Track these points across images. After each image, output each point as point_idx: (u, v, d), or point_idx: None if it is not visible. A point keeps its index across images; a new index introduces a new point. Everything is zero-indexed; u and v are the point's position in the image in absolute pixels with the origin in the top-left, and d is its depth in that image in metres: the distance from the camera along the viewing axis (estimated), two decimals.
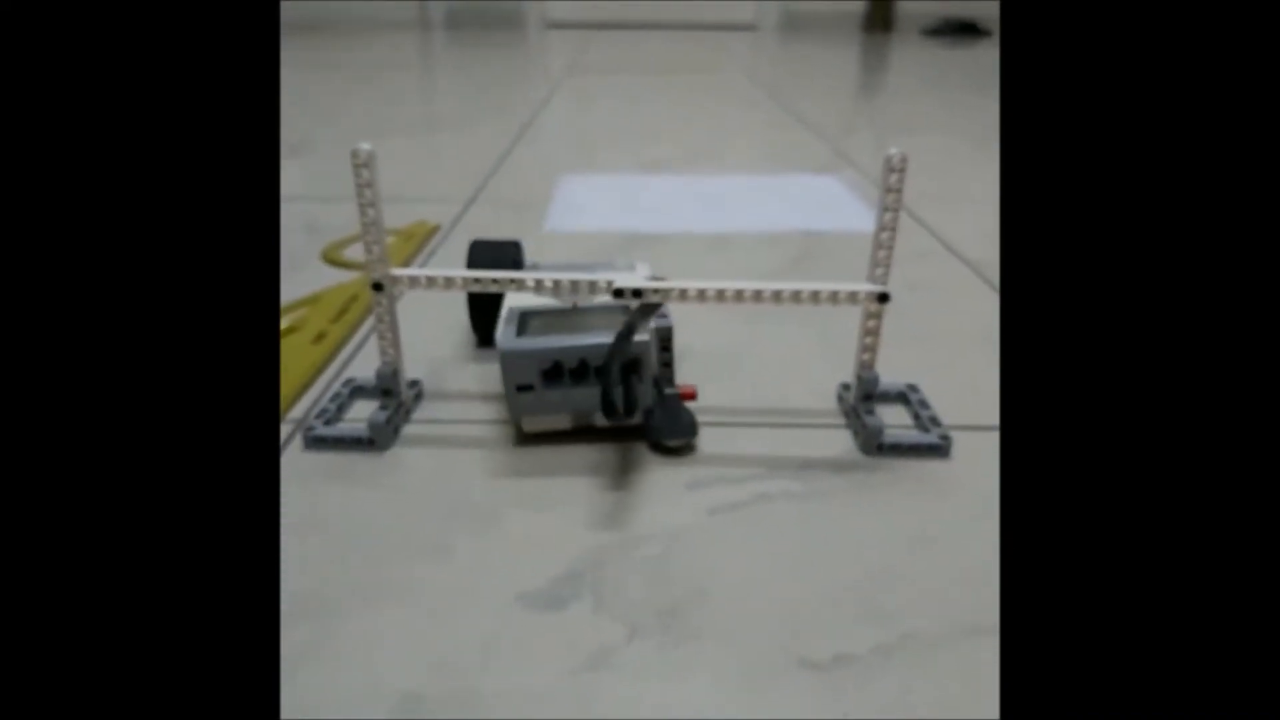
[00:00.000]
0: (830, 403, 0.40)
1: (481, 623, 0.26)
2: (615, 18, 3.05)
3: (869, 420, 0.36)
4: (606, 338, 0.34)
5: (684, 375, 0.43)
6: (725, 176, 0.85)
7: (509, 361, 0.34)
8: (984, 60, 2.02)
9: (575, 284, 0.35)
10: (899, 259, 0.61)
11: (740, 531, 0.31)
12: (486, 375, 0.43)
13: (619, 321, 0.35)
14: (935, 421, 0.37)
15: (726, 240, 0.65)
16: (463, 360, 0.44)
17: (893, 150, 0.33)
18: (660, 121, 1.15)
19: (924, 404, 0.39)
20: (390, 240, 0.62)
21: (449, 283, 0.36)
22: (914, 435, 0.36)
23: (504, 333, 0.35)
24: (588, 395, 0.35)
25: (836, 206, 0.74)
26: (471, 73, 1.68)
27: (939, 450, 0.35)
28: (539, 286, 0.35)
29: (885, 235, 0.34)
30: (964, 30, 2.84)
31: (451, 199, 0.75)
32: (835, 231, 0.67)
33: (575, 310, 0.38)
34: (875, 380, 0.36)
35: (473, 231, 0.66)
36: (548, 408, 0.35)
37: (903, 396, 0.40)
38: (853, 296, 0.34)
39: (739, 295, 0.34)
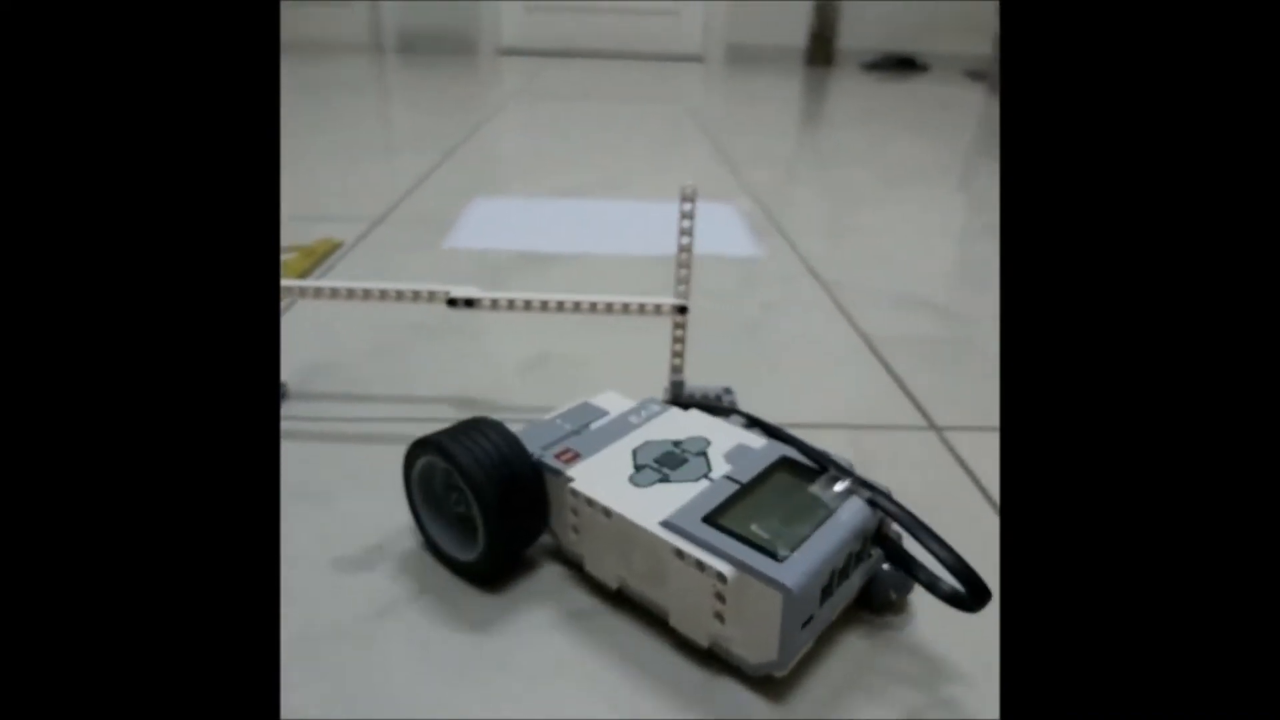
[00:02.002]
0: None
1: (301, 577, 0.31)
2: (567, 46, 3.12)
3: None
4: (851, 512, 0.28)
5: (544, 381, 0.48)
6: (633, 203, 0.90)
7: (799, 599, 0.25)
8: (919, 94, 2.12)
9: (418, 293, 0.40)
10: (767, 280, 0.67)
11: None
12: (351, 379, 0.47)
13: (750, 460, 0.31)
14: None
15: (615, 261, 0.70)
16: (333, 366, 0.49)
17: (686, 184, 0.38)
18: (586, 150, 1.21)
19: (733, 404, 0.44)
20: (292, 256, 0.66)
21: (334, 293, 0.41)
22: None
23: (710, 539, 0.26)
24: (846, 591, 0.28)
25: (724, 232, 0.80)
26: (415, 97, 1.73)
27: None
28: (417, 297, 0.40)
29: (684, 256, 0.39)
30: (902, 65, 2.97)
31: (364, 218, 0.80)
32: (715, 254, 0.73)
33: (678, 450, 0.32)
34: (682, 384, 0.42)
35: (376, 249, 0.71)
36: (815, 630, 0.27)
37: (717, 398, 0.45)
38: (657, 309, 0.40)
39: (559, 306, 0.39)
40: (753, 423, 0.34)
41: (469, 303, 0.39)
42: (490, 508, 0.28)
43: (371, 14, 3.00)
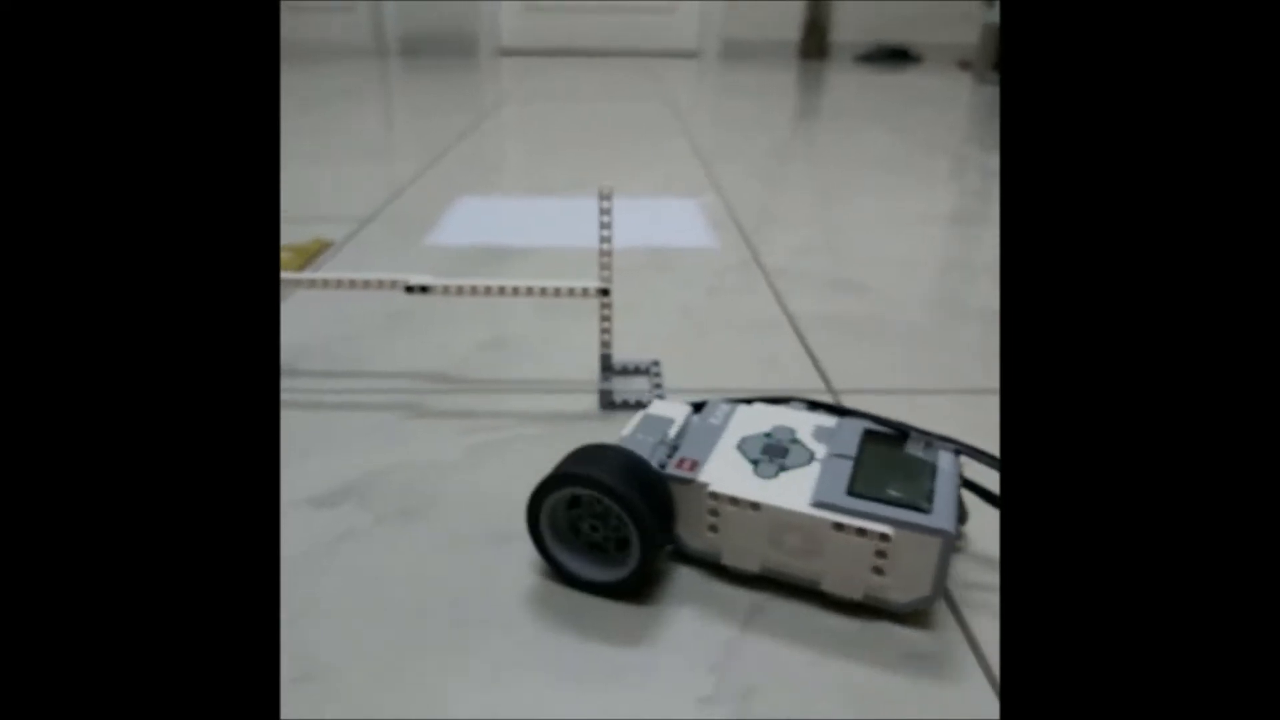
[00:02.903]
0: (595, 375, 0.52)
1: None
2: (565, 45, 3.18)
3: (602, 385, 0.48)
4: (947, 462, 0.33)
5: (500, 359, 0.55)
6: (622, 200, 0.97)
7: (951, 540, 0.30)
8: (908, 85, 2.17)
9: (381, 281, 0.47)
10: (714, 268, 0.73)
11: (483, 458, 0.43)
12: (328, 358, 0.54)
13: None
14: (659, 385, 0.49)
15: (581, 253, 0.77)
16: (311, 348, 0.56)
17: (603, 184, 0.45)
18: (568, 150, 1.28)
19: (659, 375, 0.51)
20: (286, 255, 0.74)
21: (311, 284, 0.48)
22: (638, 395, 0.48)
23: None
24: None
25: (683, 225, 0.87)
26: (411, 100, 1.81)
27: None
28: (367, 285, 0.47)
29: (605, 245, 0.46)
30: (895, 56, 3.01)
31: (354, 219, 0.87)
32: (670, 246, 0.80)
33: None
34: (609, 357, 0.49)
35: (363, 247, 0.78)
36: (948, 561, 0.31)
37: (645, 369, 0.52)
38: (584, 291, 0.47)
39: (500, 290, 0.46)
40: (813, 405, 0.38)
41: (424, 289, 0.46)
42: (644, 521, 0.30)
43: (373, 17, 3.08)
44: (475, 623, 0.32)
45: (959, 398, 0.50)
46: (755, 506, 0.31)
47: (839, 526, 0.30)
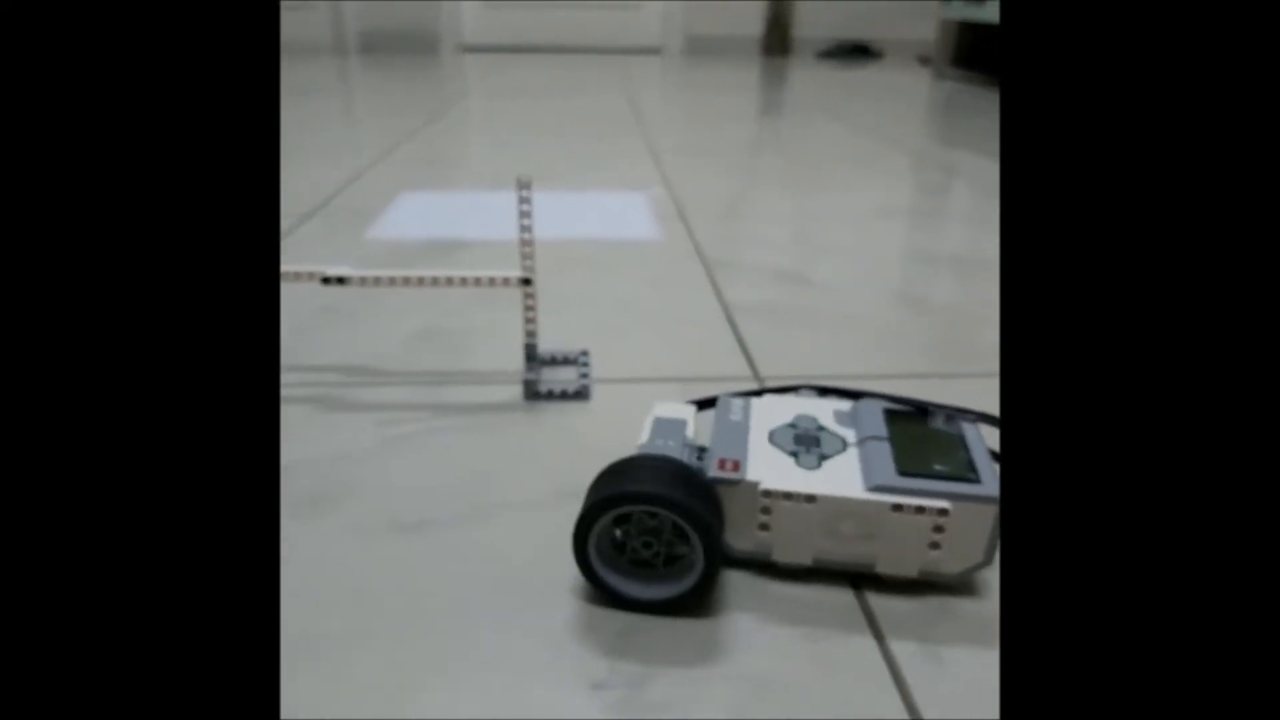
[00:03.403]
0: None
1: None
2: (528, 42, 3.17)
3: (526, 376, 0.47)
4: (973, 432, 0.34)
5: (430, 350, 0.54)
6: (558, 193, 0.97)
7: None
8: (867, 81, 2.19)
9: (299, 274, 0.46)
10: (656, 261, 0.73)
11: (396, 450, 0.42)
12: None
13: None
14: (586, 376, 0.49)
15: (516, 246, 0.77)
16: None
17: (521, 174, 0.44)
18: (526, 145, 1.27)
19: (587, 364, 0.51)
20: None
21: None
22: (564, 385, 0.48)
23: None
24: None
25: (628, 219, 0.87)
26: (371, 98, 1.78)
27: (580, 395, 0.47)
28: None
29: (526, 235, 0.45)
30: (856, 52, 3.03)
31: (297, 215, 0.86)
32: (614, 239, 0.79)
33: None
34: (534, 346, 0.48)
35: (301, 243, 0.77)
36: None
37: (573, 360, 0.52)
38: (505, 281, 0.46)
39: (419, 281, 0.46)
40: (824, 391, 0.39)
41: (340, 280, 0.46)
42: (710, 529, 0.29)
43: (333, 15, 3.04)
44: (380, 614, 0.31)
45: (887, 383, 0.50)
46: (810, 499, 0.31)
47: (897, 508, 0.31)
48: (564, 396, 0.47)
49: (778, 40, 3.08)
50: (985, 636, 0.31)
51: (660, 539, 0.31)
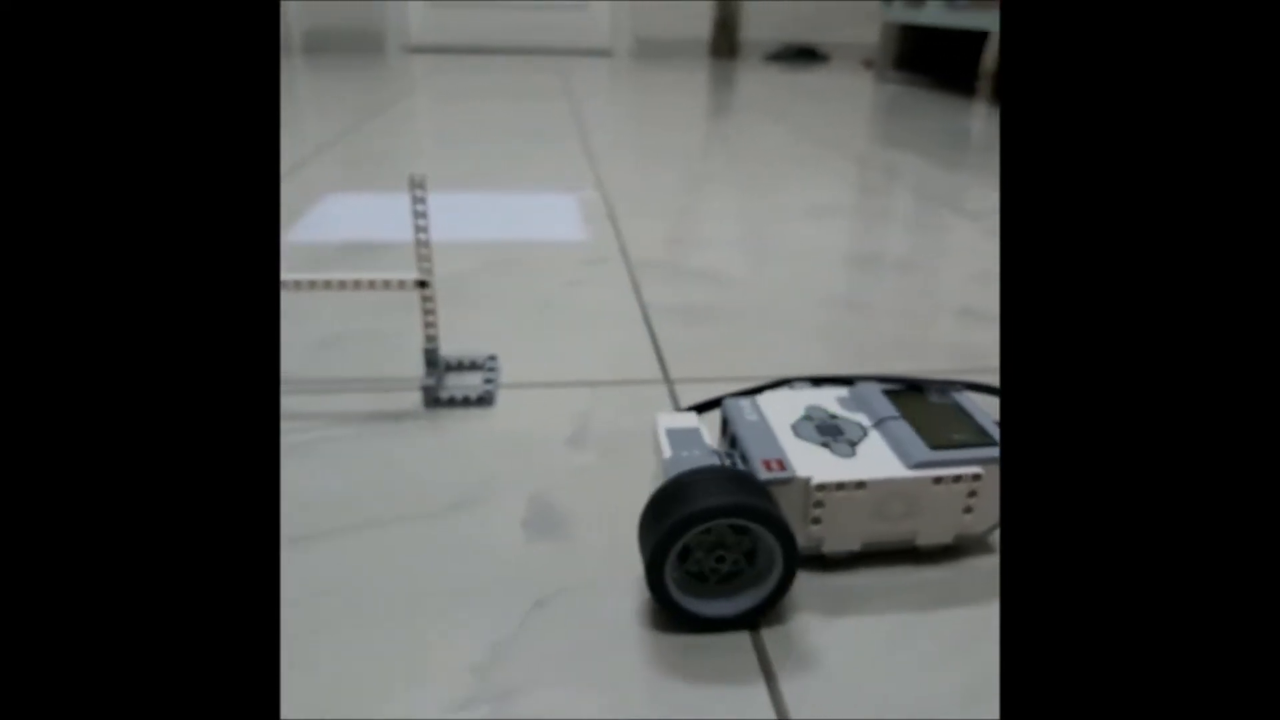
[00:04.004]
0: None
1: None
2: (475, 43, 3.14)
3: (425, 382, 0.46)
4: (968, 398, 0.36)
5: (334, 357, 0.52)
6: (489, 195, 0.95)
7: None
8: (815, 84, 2.21)
9: None
10: (580, 261, 0.72)
11: (288, 458, 0.40)
12: None
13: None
14: (492, 381, 0.48)
15: (448, 248, 0.75)
16: None
17: (413, 173, 0.43)
18: (464, 146, 1.25)
19: (494, 369, 0.49)
20: None
21: None
22: (467, 391, 0.47)
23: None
24: None
25: (558, 220, 0.85)
26: (308, 99, 1.74)
27: (483, 401, 0.46)
28: None
29: (422, 236, 0.44)
30: (803, 55, 3.06)
31: None
32: (542, 240, 0.78)
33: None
34: (435, 351, 0.47)
35: None
36: None
37: (480, 364, 0.50)
38: (400, 284, 0.45)
39: (311, 285, 0.44)
40: (817, 381, 0.39)
41: None
42: (787, 531, 0.29)
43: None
44: None
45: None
46: (861, 485, 0.31)
47: (938, 480, 0.32)
48: (466, 403, 0.46)
49: (726, 43, 3.10)
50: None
51: (732, 551, 0.30)
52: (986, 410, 0.36)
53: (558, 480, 0.39)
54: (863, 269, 0.72)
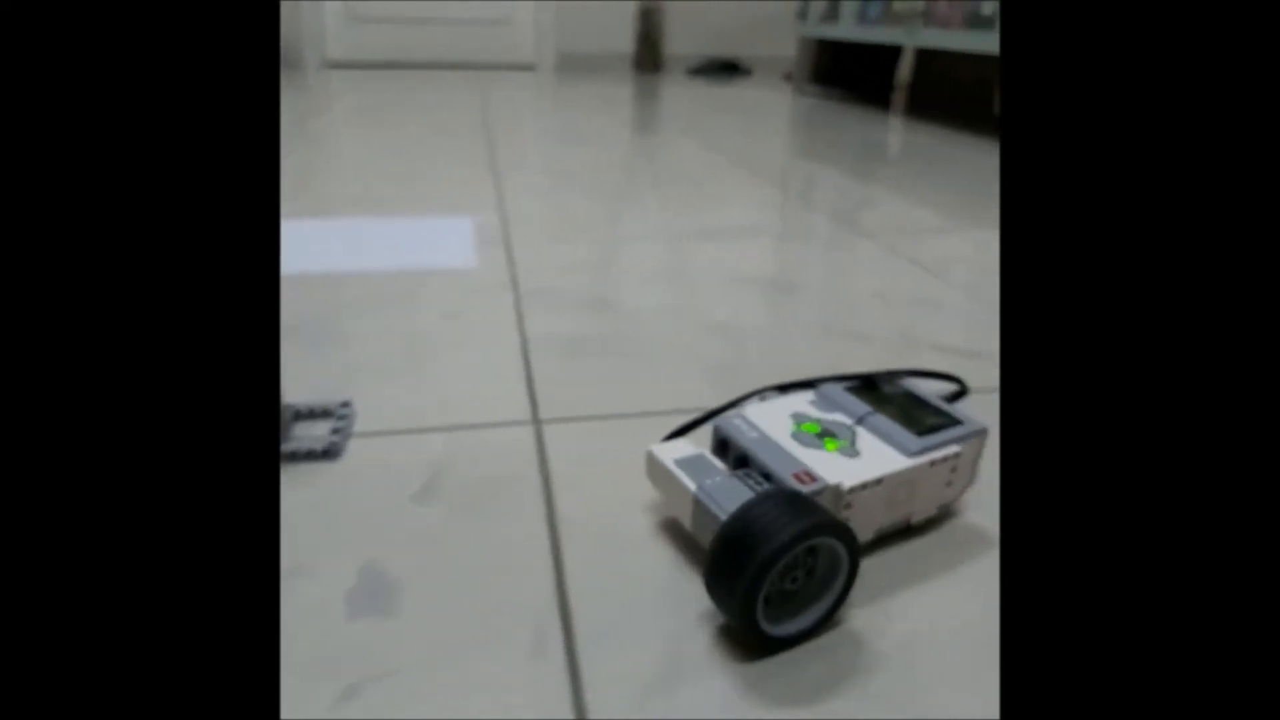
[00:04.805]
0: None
1: None
2: (396, 58, 3.08)
3: None
4: (917, 385, 0.41)
5: None
6: (376, 220, 0.91)
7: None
8: (736, 98, 2.21)
9: None
10: (464, 290, 0.69)
11: None
12: None
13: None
14: (341, 430, 0.44)
15: (308, 282, 0.71)
16: None
17: None
18: (365, 166, 1.20)
19: (346, 416, 0.46)
20: None
21: None
22: (311, 443, 0.43)
23: None
24: None
25: (448, 246, 0.82)
26: None
27: (329, 454, 0.43)
28: None
29: None
30: (726, 69, 3.09)
31: None
32: (426, 269, 0.75)
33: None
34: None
35: None
36: None
37: (330, 413, 0.47)
38: None
39: None
40: (784, 388, 0.42)
41: None
42: (854, 541, 0.30)
43: None
44: None
45: (668, 419, 0.48)
46: (879, 482, 0.34)
47: (932, 464, 0.35)
48: (309, 457, 0.43)
49: (650, 57, 3.10)
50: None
51: (800, 569, 0.31)
52: (930, 393, 0.41)
53: (397, 543, 0.36)
54: (760, 292, 0.71)
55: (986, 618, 0.33)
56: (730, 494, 0.32)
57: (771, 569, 0.28)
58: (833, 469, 0.34)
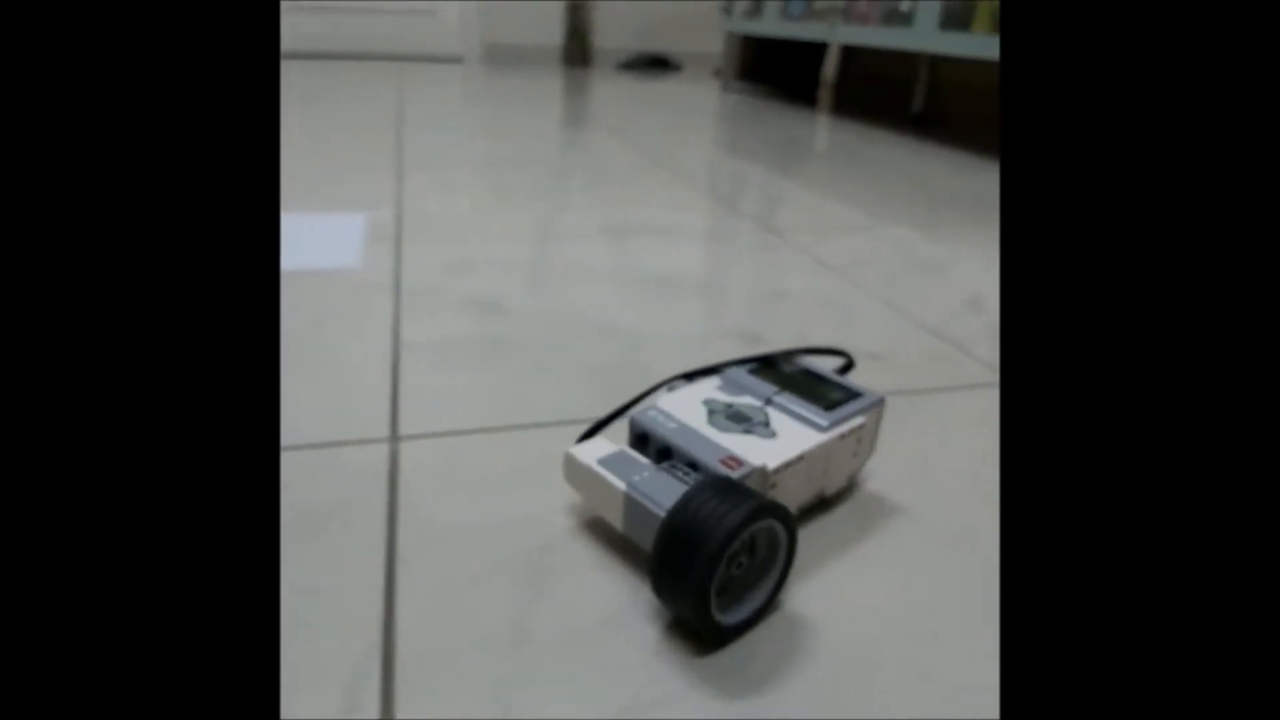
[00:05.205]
0: None
1: None
2: (320, 48, 2.97)
3: None
4: (812, 362, 0.43)
5: None
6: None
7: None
8: (665, 93, 2.18)
9: None
10: (345, 291, 0.64)
11: None
12: None
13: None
14: None
15: None
16: None
17: None
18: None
19: None
20: None
21: None
22: None
23: None
24: None
25: (334, 244, 0.77)
26: None
27: None
28: None
29: None
30: (656, 64, 3.06)
31: None
32: (306, 269, 0.70)
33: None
34: None
35: None
36: None
37: None
38: None
39: None
40: (689, 375, 0.41)
41: None
42: (791, 520, 0.31)
43: None
44: None
45: (545, 431, 0.44)
46: (800, 459, 0.34)
47: (843, 436, 0.36)
48: None
49: (578, 51, 3.06)
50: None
51: (742, 555, 0.30)
52: (824, 369, 0.41)
53: None
54: (661, 292, 0.68)
55: (914, 585, 0.34)
56: (662, 488, 0.32)
57: (722, 558, 0.28)
58: (755, 451, 0.34)
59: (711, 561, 0.27)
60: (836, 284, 0.72)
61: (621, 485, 0.32)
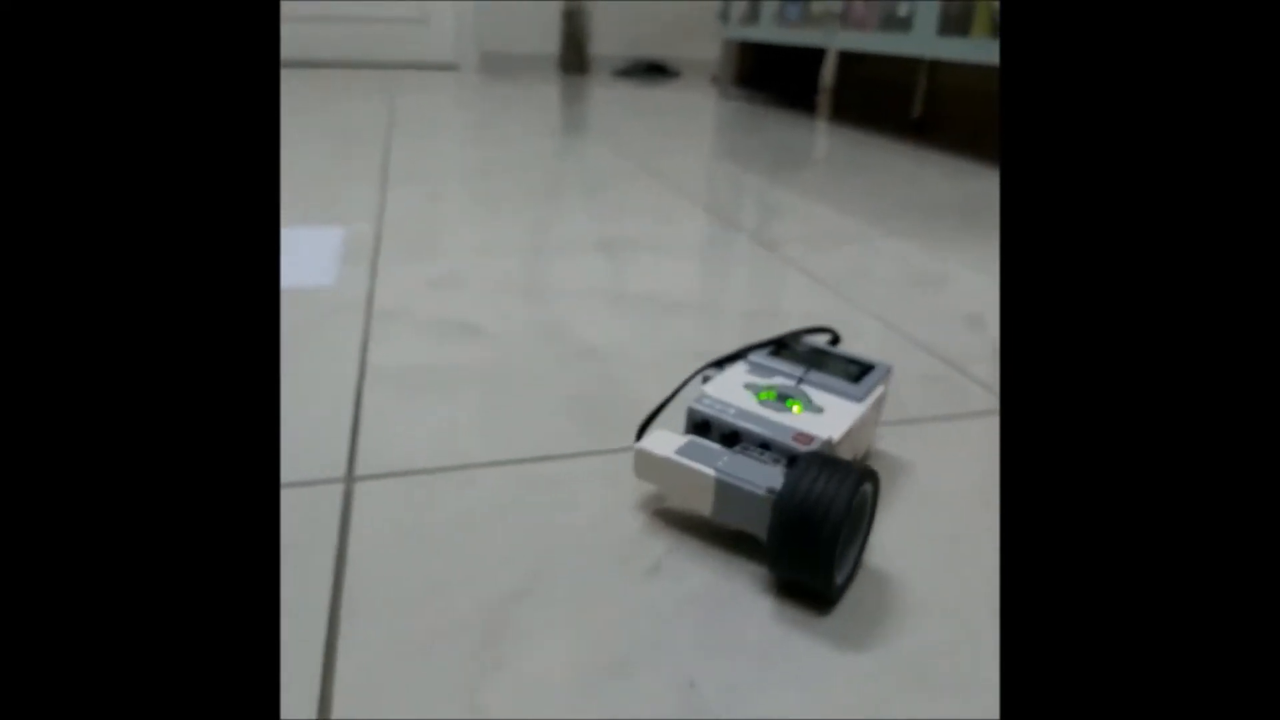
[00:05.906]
0: None
1: None
2: (315, 56, 2.95)
3: None
4: (817, 339, 0.50)
5: None
6: None
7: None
8: (662, 100, 2.16)
9: None
10: (316, 310, 0.61)
11: None
12: None
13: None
14: None
15: None
16: None
17: None
18: None
19: None
20: None
21: None
22: None
23: None
24: None
25: (307, 263, 0.74)
26: None
27: None
28: None
29: None
30: (653, 71, 3.04)
31: None
32: (285, 287, 0.67)
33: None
34: None
35: None
36: None
37: None
38: None
39: None
40: (719, 362, 0.42)
41: None
42: (877, 481, 0.34)
43: None
44: None
45: (513, 470, 0.41)
46: (849, 429, 0.37)
47: (873, 406, 0.40)
48: None
49: (575, 58, 3.03)
50: None
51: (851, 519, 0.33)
52: (823, 345, 0.45)
53: None
54: (644, 310, 0.65)
55: (958, 533, 0.37)
56: (750, 469, 0.33)
57: (843, 524, 0.30)
58: (814, 426, 0.36)
59: (836, 529, 0.30)
60: (831, 301, 0.69)
61: (711, 471, 0.33)
